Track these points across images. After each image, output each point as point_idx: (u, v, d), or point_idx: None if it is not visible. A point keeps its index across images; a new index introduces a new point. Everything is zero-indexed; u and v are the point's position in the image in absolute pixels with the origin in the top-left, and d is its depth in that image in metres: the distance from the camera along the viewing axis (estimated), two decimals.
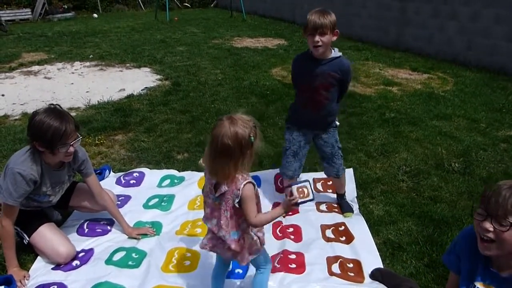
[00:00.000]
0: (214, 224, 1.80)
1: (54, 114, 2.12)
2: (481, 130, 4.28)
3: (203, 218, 1.90)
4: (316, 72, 2.44)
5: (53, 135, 2.08)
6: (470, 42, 6.94)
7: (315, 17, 2.30)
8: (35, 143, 2.14)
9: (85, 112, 4.87)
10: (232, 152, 1.59)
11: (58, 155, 2.18)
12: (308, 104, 2.54)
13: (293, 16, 12.55)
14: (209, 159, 1.67)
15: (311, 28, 2.31)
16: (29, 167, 2.17)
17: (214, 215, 1.80)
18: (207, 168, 1.75)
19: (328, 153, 2.70)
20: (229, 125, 1.59)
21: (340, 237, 2.59)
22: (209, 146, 1.66)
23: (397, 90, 5.69)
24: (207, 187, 1.79)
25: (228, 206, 1.72)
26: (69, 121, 2.15)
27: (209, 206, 1.81)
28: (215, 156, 1.62)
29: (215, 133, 1.61)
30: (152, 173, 3.37)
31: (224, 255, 1.86)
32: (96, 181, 2.58)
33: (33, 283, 2.19)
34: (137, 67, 7.12)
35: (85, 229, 2.66)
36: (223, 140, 1.57)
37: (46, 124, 2.07)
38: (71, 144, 2.18)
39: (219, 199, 1.74)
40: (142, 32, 11.04)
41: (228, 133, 1.58)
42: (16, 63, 7.40)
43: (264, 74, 6.55)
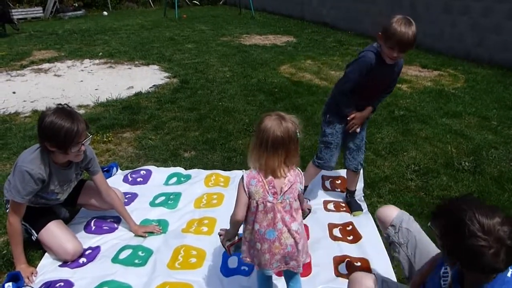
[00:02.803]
0: (282, 230, 1.71)
1: (65, 114, 2.13)
2: (493, 128, 4.21)
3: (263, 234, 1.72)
4: (385, 74, 2.46)
5: (65, 135, 2.09)
6: (482, 38, 6.82)
7: (411, 36, 2.17)
8: (46, 143, 2.14)
9: (94, 110, 4.91)
10: (284, 144, 1.64)
11: (69, 154, 2.20)
12: (363, 99, 2.54)
13: (302, 13, 12.48)
14: (258, 153, 1.67)
15: (402, 46, 2.21)
16: (38, 166, 2.19)
17: (278, 217, 1.70)
18: (257, 163, 1.68)
19: (356, 145, 2.71)
20: (280, 120, 1.64)
21: (348, 236, 2.57)
22: (258, 141, 1.66)
23: (407, 88, 5.62)
24: (264, 193, 1.68)
25: (294, 198, 1.74)
26: (80, 121, 2.16)
27: (272, 210, 1.70)
28: (266, 149, 1.64)
29: (264, 127, 1.64)
30: (159, 171, 3.38)
31: (298, 260, 1.78)
32: (103, 179, 2.60)
33: (40, 279, 2.21)
34: (145, 64, 7.15)
35: (92, 227, 2.68)
36: (276, 133, 1.62)
37: (58, 125, 2.08)
38: (82, 143, 2.19)
39: (283, 196, 1.70)
40: (151, 29, 11.09)
41: (280, 127, 1.62)
42: (27, 60, 7.49)
43: (272, 71, 6.52)
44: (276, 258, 1.74)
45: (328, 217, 2.79)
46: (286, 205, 1.71)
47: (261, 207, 1.69)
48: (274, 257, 1.73)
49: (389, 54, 2.28)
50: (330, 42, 8.87)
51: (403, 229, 1.84)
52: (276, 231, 1.70)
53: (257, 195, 1.68)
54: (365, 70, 2.37)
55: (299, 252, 1.76)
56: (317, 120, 4.37)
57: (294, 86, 5.67)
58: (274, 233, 1.70)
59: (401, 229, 1.85)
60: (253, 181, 1.68)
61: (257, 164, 1.69)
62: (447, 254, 1.27)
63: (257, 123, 1.69)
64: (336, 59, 7.27)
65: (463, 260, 1.21)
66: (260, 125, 1.66)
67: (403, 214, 1.94)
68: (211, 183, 3.20)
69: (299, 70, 6.60)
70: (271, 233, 1.70)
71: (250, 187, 1.68)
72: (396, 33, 2.17)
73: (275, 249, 1.72)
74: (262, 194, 1.68)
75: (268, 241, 1.71)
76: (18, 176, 2.16)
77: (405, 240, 1.82)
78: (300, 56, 7.60)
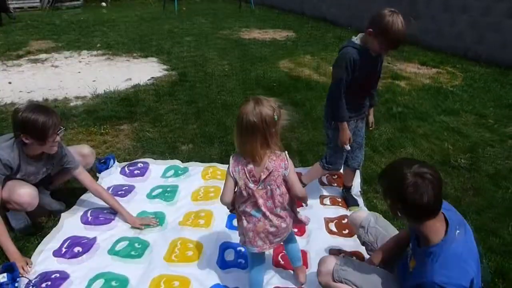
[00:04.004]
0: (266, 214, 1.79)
1: (39, 109, 2.29)
2: (489, 126, 4.22)
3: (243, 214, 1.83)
4: (373, 65, 2.44)
5: (42, 127, 2.22)
6: (481, 36, 6.82)
7: (401, 33, 2.16)
8: (23, 136, 2.25)
9: (91, 101, 4.88)
10: (257, 129, 1.65)
11: (46, 145, 2.31)
12: (358, 95, 2.53)
13: (302, 8, 12.43)
14: (237, 138, 1.72)
15: (391, 45, 2.23)
16: (8, 154, 2.28)
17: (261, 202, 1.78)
18: (239, 148, 1.74)
19: (358, 143, 2.72)
20: (254, 105, 1.66)
21: (343, 230, 2.58)
22: (238, 127, 1.70)
23: (405, 85, 5.62)
24: (245, 180, 1.76)
25: (279, 183, 1.77)
26: (54, 113, 2.32)
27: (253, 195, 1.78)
28: (241, 133, 1.68)
29: (240, 112, 1.68)
30: (157, 164, 3.38)
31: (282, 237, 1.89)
32: (86, 174, 2.65)
33: (36, 270, 2.20)
34: (144, 57, 7.11)
35: (89, 217, 2.67)
36: (248, 117, 1.64)
37: (34, 118, 2.21)
38: (57, 134, 2.31)
39: (263, 183, 1.75)
40: (150, 22, 11.01)
41: (253, 111, 1.64)
42: (24, 51, 7.42)
43: (271, 66, 6.50)
44: (260, 236, 1.83)
45: (324, 211, 2.80)
46: (267, 191, 1.78)
47: (245, 193, 1.78)
48: (258, 235, 1.83)
49: (380, 50, 2.29)
50: (330, 38, 8.84)
51: (371, 228, 2.03)
52: (260, 212, 1.80)
53: (240, 181, 1.77)
54: (350, 67, 2.33)
55: (284, 229, 1.88)
56: (315, 115, 4.38)
57: (293, 81, 5.66)
58: (259, 214, 1.81)
59: (369, 228, 2.03)
60: (237, 169, 1.76)
61: (239, 149, 1.75)
62: (391, 203, 1.57)
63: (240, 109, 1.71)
64: (335, 55, 7.19)
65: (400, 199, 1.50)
66: (239, 110, 1.69)
67: (370, 215, 2.13)
68: (209, 176, 3.21)
69: (298, 66, 6.58)
70: (256, 213, 1.81)
71: (234, 174, 1.77)
72: (390, 31, 2.14)
73: (259, 228, 1.82)
74: (244, 181, 1.76)
75: (254, 219, 1.81)
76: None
77: (374, 238, 2.00)
78: (300, 51, 7.58)
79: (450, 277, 1.45)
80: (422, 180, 1.46)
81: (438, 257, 1.50)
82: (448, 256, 1.49)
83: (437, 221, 1.54)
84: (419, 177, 1.46)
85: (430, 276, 1.48)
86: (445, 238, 1.52)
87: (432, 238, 1.54)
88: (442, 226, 1.55)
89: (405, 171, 1.48)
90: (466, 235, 1.56)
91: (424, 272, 1.51)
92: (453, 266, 1.47)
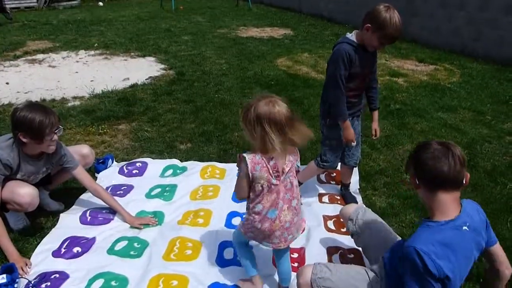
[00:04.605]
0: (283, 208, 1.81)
1: (37, 107, 2.31)
2: (487, 122, 4.24)
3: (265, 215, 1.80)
4: (366, 61, 2.42)
5: (39, 125, 2.23)
6: (478, 33, 6.83)
7: (399, 28, 2.18)
8: (21, 135, 2.25)
9: (89, 101, 4.88)
10: (292, 120, 1.70)
11: (43, 144, 2.31)
12: (352, 94, 2.51)
13: (300, 6, 12.42)
14: (276, 137, 1.66)
15: (389, 40, 2.24)
16: (7, 153, 2.29)
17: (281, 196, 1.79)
18: (280, 149, 1.68)
19: (356, 141, 2.70)
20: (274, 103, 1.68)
21: (341, 228, 2.58)
22: (269, 126, 1.65)
23: (403, 81, 5.63)
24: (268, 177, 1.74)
25: (294, 176, 1.83)
26: (51, 112, 2.33)
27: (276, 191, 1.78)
28: (282, 130, 1.67)
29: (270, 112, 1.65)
30: (155, 163, 3.38)
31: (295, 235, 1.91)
32: (85, 173, 2.65)
33: (35, 271, 2.20)
34: (141, 56, 7.10)
35: (88, 217, 2.68)
36: (284, 114, 1.67)
37: (31, 116, 2.22)
38: (55, 132, 2.32)
39: (284, 176, 1.78)
40: (147, 21, 10.99)
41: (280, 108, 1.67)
42: (21, 51, 7.41)
43: (269, 64, 6.50)
44: (275, 235, 1.85)
45: (323, 209, 2.81)
46: (287, 183, 1.81)
47: (266, 190, 1.77)
48: (274, 233, 1.84)
49: (379, 46, 2.29)
50: (327, 35, 8.84)
51: (359, 220, 2.08)
52: (277, 210, 1.80)
53: (262, 180, 1.74)
54: (347, 62, 2.32)
55: (296, 225, 1.90)
56: (313, 113, 4.38)
57: (291, 79, 5.67)
58: (275, 212, 1.80)
59: (357, 220, 2.08)
60: (258, 167, 1.73)
61: (271, 147, 1.68)
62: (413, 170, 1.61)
63: (254, 115, 1.66)
64: None
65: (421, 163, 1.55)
66: (263, 114, 1.65)
67: (358, 208, 2.18)
68: (207, 175, 3.21)
69: (296, 63, 6.58)
70: (272, 212, 1.80)
71: (254, 173, 1.73)
72: (389, 26, 2.16)
73: (275, 227, 1.82)
74: (267, 178, 1.74)
75: (269, 220, 1.81)
76: None
77: (362, 229, 2.05)
78: (297, 49, 7.58)
79: (431, 251, 1.43)
80: (447, 150, 1.51)
81: (431, 230, 1.50)
82: (441, 237, 1.47)
83: (450, 200, 1.54)
84: (445, 147, 1.52)
85: (413, 240, 1.49)
86: (448, 221, 1.51)
87: (437, 214, 1.54)
88: (452, 210, 1.54)
89: (433, 141, 1.56)
90: (471, 240, 1.54)
91: (411, 238, 1.52)
92: (440, 246, 1.45)
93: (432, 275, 1.42)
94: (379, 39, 2.24)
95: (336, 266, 1.85)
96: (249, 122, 1.68)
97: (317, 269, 1.78)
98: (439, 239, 1.47)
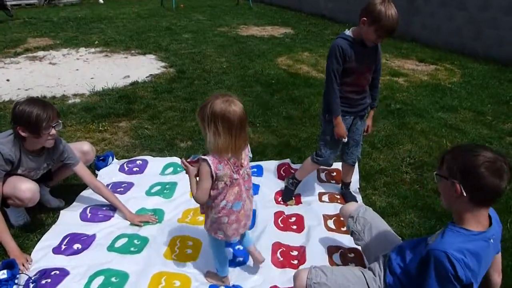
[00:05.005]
0: (245, 199, 1.91)
1: (36, 102, 2.32)
2: (487, 123, 4.24)
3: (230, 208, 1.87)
4: (364, 56, 2.41)
5: (36, 119, 2.24)
6: (478, 32, 6.83)
7: (395, 20, 2.18)
8: (19, 129, 2.27)
9: (90, 99, 4.87)
10: (246, 120, 1.77)
11: (41, 138, 2.32)
12: (350, 89, 2.49)
13: (300, 4, 12.40)
14: (226, 137, 1.72)
15: (388, 31, 2.22)
16: (9, 148, 2.30)
17: (242, 189, 1.89)
18: (225, 146, 1.73)
19: (356, 141, 2.73)
20: (230, 102, 1.71)
21: (341, 227, 2.59)
22: (225, 126, 1.70)
23: (403, 81, 5.63)
24: (231, 173, 1.80)
25: (249, 166, 1.93)
26: (50, 107, 2.34)
27: (238, 184, 1.86)
28: (233, 130, 1.72)
29: (226, 111, 1.69)
30: (155, 161, 3.38)
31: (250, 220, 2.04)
32: (86, 170, 2.66)
33: (35, 267, 2.21)
34: (142, 54, 7.09)
35: (88, 214, 2.68)
36: (238, 113, 1.71)
37: (29, 110, 2.24)
38: (52, 126, 2.32)
39: (245, 168, 1.88)
40: (148, 18, 10.97)
41: (236, 107, 1.71)
42: (22, 48, 7.39)
43: (269, 63, 6.50)
44: (241, 225, 1.94)
45: (323, 208, 2.81)
46: (245, 175, 1.90)
47: (229, 185, 1.82)
48: (241, 224, 1.93)
49: (375, 40, 2.29)
50: (328, 34, 8.84)
51: (360, 218, 2.09)
52: (242, 201, 1.90)
53: (225, 177, 1.80)
54: (339, 56, 2.34)
55: (251, 211, 2.03)
56: (314, 112, 4.38)
57: (291, 78, 5.66)
58: (240, 204, 1.89)
59: (358, 218, 2.09)
60: (220, 166, 1.78)
61: (225, 147, 1.74)
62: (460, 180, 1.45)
63: (209, 112, 1.70)
64: None
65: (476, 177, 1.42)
66: (218, 112, 1.69)
67: (360, 206, 2.20)
68: None
69: (296, 62, 6.58)
70: (237, 204, 1.88)
71: (218, 172, 1.78)
72: (384, 19, 2.17)
73: (241, 217, 1.92)
74: (230, 175, 1.81)
75: (235, 212, 1.88)
76: None
77: (362, 227, 2.06)
78: (298, 48, 7.57)
79: (462, 259, 1.41)
80: (502, 162, 1.41)
81: (463, 238, 1.46)
82: (472, 247, 1.44)
83: (486, 212, 1.50)
84: (499, 159, 1.41)
85: (443, 245, 1.44)
86: (481, 232, 1.48)
87: (471, 223, 1.49)
88: (485, 221, 1.51)
89: (481, 148, 1.44)
90: (492, 250, 1.55)
91: (439, 241, 1.48)
92: (470, 255, 1.43)
93: (460, 281, 1.42)
94: (375, 32, 2.24)
95: (333, 269, 1.84)
96: (203, 118, 1.73)
97: (313, 273, 1.77)
98: (470, 249, 1.44)
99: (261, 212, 2.71)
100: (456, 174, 1.46)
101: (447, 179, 1.49)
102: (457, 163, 1.47)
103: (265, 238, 2.44)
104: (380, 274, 1.78)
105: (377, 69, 2.57)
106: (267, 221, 2.61)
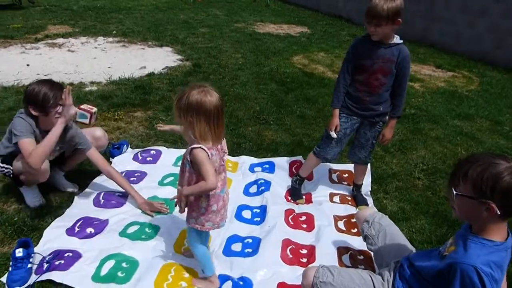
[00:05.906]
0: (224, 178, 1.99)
1: (45, 82, 2.42)
2: (505, 133, 4.18)
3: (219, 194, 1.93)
4: (376, 55, 2.37)
5: (44, 97, 2.34)
6: (500, 41, 6.72)
7: (375, 4, 2.20)
8: (30, 107, 2.37)
9: (106, 87, 4.93)
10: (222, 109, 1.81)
11: (50, 116, 2.40)
12: (362, 88, 2.47)
13: (318, 4, 12.34)
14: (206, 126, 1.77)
15: (367, 15, 2.26)
16: (31, 122, 2.40)
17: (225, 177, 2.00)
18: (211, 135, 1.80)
19: (360, 143, 2.73)
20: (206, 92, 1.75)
21: (352, 229, 2.59)
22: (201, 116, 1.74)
23: (419, 87, 5.58)
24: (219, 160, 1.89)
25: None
26: (58, 86, 2.43)
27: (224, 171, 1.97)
28: (212, 120, 1.77)
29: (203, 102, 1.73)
30: (169, 152, 3.41)
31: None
32: (99, 155, 2.71)
33: (49, 246, 2.25)
34: (159, 46, 7.14)
35: (101, 200, 2.72)
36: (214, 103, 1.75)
37: (37, 90, 2.35)
38: (60, 104, 2.40)
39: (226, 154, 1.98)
40: (166, 11, 11.03)
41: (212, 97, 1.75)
42: (42, 34, 7.50)
43: (285, 61, 6.49)
44: (225, 208, 2.00)
45: (334, 208, 2.80)
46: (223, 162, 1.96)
47: (217, 172, 1.88)
48: (225, 207, 1.99)
49: (369, 30, 2.31)
50: (344, 35, 8.78)
51: (375, 223, 2.09)
52: (225, 187, 1.98)
53: (216, 163, 1.86)
54: (351, 53, 2.45)
55: None
56: (328, 113, 4.37)
57: (306, 77, 5.65)
58: (225, 188, 1.98)
59: (373, 223, 2.09)
60: (213, 152, 1.82)
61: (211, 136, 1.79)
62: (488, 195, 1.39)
63: (185, 104, 1.74)
64: None
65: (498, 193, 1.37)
66: (194, 103, 1.72)
67: (376, 212, 2.19)
68: None
69: (312, 62, 6.56)
70: (223, 190, 1.95)
71: (212, 158, 1.81)
72: (368, 5, 2.24)
73: (226, 200, 2.00)
74: (219, 161, 1.88)
75: (221, 197, 1.94)
76: (16, 122, 2.34)
77: (376, 232, 2.06)
78: (314, 47, 7.55)
79: (490, 273, 1.39)
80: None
81: (487, 249, 1.45)
82: (496, 258, 1.43)
83: (505, 225, 1.49)
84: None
85: (470, 258, 1.42)
86: (503, 243, 1.47)
87: (494, 234, 1.47)
88: (506, 231, 1.50)
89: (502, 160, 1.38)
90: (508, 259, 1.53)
91: (464, 254, 1.46)
92: (496, 267, 1.42)
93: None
94: (365, 19, 2.28)
95: (341, 270, 1.83)
96: (179, 108, 1.76)
97: (320, 272, 1.78)
98: (495, 260, 1.43)
99: (271, 208, 2.72)
100: (491, 195, 1.39)
101: (473, 199, 1.43)
102: (489, 183, 1.38)
103: (275, 234, 2.45)
104: (389, 279, 1.77)
105: (402, 76, 2.43)
106: (277, 218, 2.61)
